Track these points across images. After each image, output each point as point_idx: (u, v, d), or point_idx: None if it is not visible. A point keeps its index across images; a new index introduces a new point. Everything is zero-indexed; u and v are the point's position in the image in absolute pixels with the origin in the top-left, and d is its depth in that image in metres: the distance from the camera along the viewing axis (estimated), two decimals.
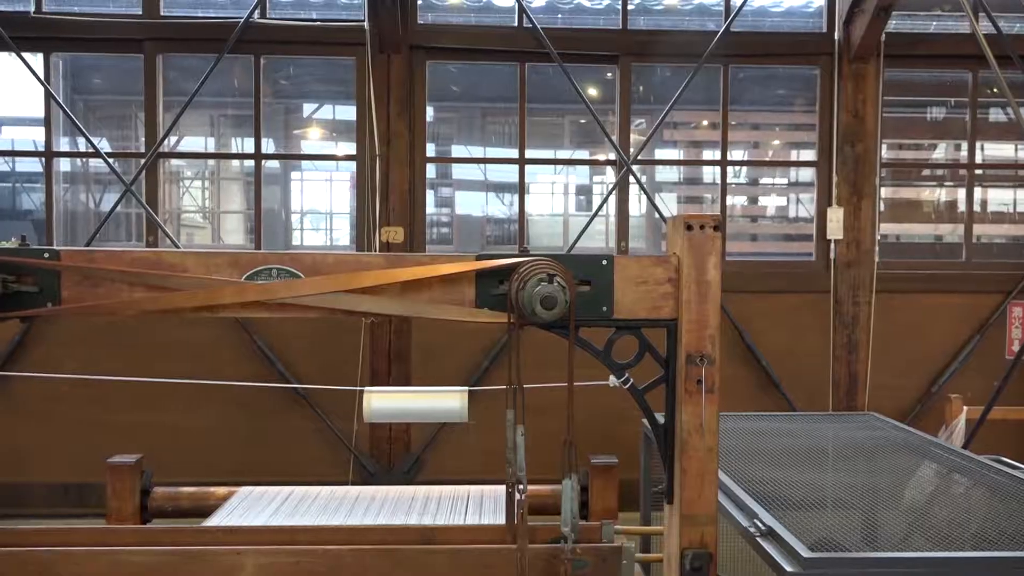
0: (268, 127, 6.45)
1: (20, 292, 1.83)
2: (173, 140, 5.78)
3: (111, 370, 4.30)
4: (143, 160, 4.96)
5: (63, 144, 5.43)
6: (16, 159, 8.53)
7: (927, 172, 6.34)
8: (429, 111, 5.18)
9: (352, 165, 5.18)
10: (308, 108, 7.10)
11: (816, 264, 5.22)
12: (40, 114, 5.14)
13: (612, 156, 5.19)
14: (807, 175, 6.48)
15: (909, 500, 2.34)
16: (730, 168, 5.37)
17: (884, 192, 5.38)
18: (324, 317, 1.88)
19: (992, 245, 6.20)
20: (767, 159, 6.56)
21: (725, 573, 2.95)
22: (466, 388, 2.34)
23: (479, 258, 1.84)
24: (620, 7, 5.14)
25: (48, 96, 4.95)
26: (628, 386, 1.94)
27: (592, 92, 5.73)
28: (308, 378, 4.83)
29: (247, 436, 4.92)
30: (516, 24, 5.06)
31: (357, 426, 4.87)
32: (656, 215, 5.36)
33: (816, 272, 5.19)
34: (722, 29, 4.97)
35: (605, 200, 5.11)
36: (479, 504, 3.04)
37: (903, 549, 1.88)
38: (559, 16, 5.32)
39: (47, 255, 1.84)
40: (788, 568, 1.75)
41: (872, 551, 1.89)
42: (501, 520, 2.61)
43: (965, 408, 4.18)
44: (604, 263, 1.86)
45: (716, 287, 1.91)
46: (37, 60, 4.99)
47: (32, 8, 4.90)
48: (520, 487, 1.68)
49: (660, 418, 1.96)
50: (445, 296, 1.86)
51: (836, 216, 5.08)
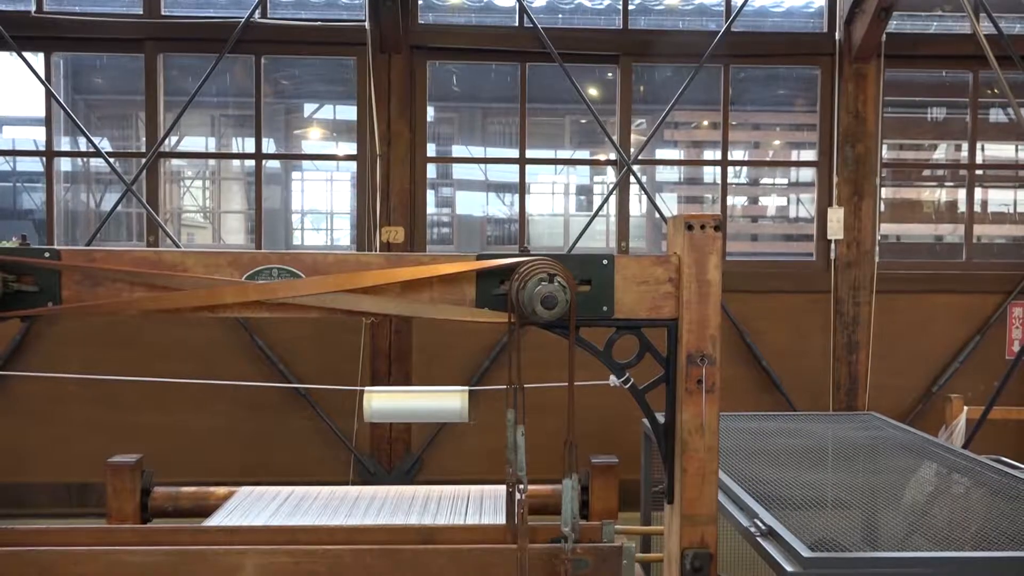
0: (269, 127, 6.45)
1: (21, 292, 1.83)
2: (174, 140, 5.78)
3: (112, 370, 4.30)
4: (144, 160, 4.96)
5: (63, 143, 5.44)
6: (16, 158, 8.54)
7: (927, 172, 6.34)
8: (429, 111, 5.19)
9: (352, 165, 5.19)
10: (308, 108, 7.12)
11: (816, 264, 5.22)
12: (40, 114, 5.14)
13: (612, 156, 5.19)
14: (807, 175, 6.49)
15: (909, 500, 2.33)
16: (730, 168, 5.36)
17: (884, 192, 5.38)
18: (324, 317, 1.88)
19: (992, 245, 6.21)
20: (768, 159, 6.56)
21: (725, 573, 2.96)
22: (467, 388, 2.34)
23: (479, 258, 1.84)
24: (621, 7, 5.14)
25: (49, 96, 4.95)
26: (628, 386, 1.94)
27: (592, 92, 5.73)
28: (309, 378, 4.84)
29: (247, 436, 4.92)
30: (517, 24, 5.06)
31: (357, 426, 4.87)
32: (656, 215, 5.36)
33: (817, 272, 5.19)
34: (723, 29, 4.97)
35: (606, 200, 5.11)
36: (479, 504, 3.04)
37: (903, 549, 1.88)
38: (560, 16, 5.33)
39: (48, 255, 1.85)
40: (788, 568, 1.75)
41: (872, 551, 1.88)
42: (501, 520, 2.61)
43: (965, 408, 4.18)
44: (604, 263, 1.86)
45: (717, 287, 1.92)
46: (37, 60, 4.99)
47: (33, 7, 4.90)
48: (520, 487, 1.68)
49: (660, 418, 1.96)
50: (445, 296, 1.86)
51: (836, 216, 5.07)
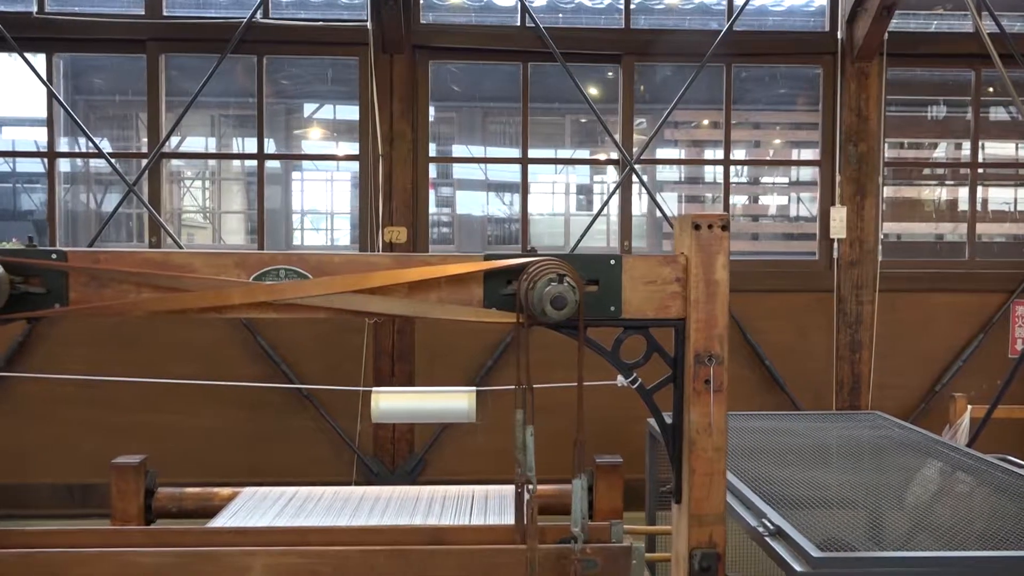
0: (269, 127, 6.44)
1: (28, 293, 1.83)
2: (175, 140, 5.77)
3: (115, 371, 4.30)
4: (145, 160, 4.96)
5: (62, 144, 5.43)
6: (16, 159, 8.53)
7: (929, 171, 6.34)
8: (430, 111, 5.19)
9: (353, 165, 5.18)
10: (308, 108, 7.11)
11: (819, 263, 5.22)
12: (39, 114, 5.13)
13: (613, 155, 5.19)
14: (808, 174, 6.50)
15: (916, 499, 2.33)
16: (732, 167, 5.36)
17: (887, 191, 5.38)
18: (327, 317, 1.87)
19: (992, 244, 6.21)
20: (771, 159, 6.56)
21: (732, 572, 2.95)
22: (474, 388, 2.34)
23: (487, 258, 1.84)
24: (622, 6, 5.15)
25: (51, 96, 4.95)
26: (636, 386, 1.94)
27: (593, 91, 5.73)
28: (312, 378, 4.83)
29: (251, 437, 4.92)
30: (519, 24, 5.06)
31: (360, 426, 4.87)
32: (657, 214, 5.36)
33: (819, 271, 5.19)
34: (725, 28, 4.97)
35: (608, 199, 5.11)
36: (484, 504, 3.04)
37: (912, 548, 1.88)
38: (560, 16, 5.32)
39: (55, 256, 1.84)
40: (798, 568, 1.75)
41: (881, 551, 1.88)
42: (507, 520, 2.61)
43: (969, 407, 4.18)
44: (612, 263, 1.86)
45: (724, 286, 1.92)
46: (39, 60, 4.99)
47: (35, 8, 4.90)
48: (529, 487, 1.67)
49: (667, 418, 1.96)
50: (453, 296, 1.86)
51: (839, 215, 5.07)
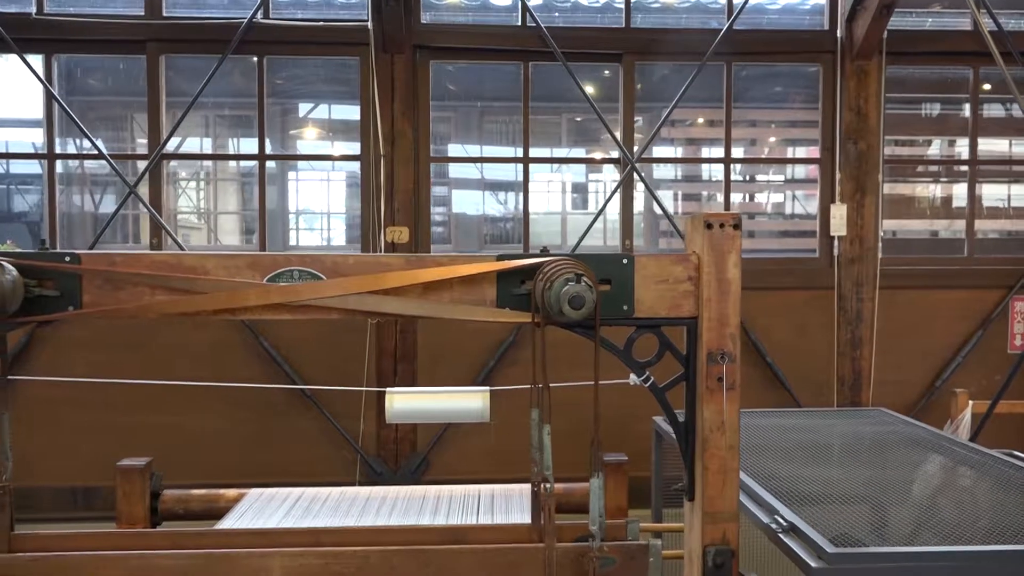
0: (266, 127, 6.43)
1: (42, 296, 1.83)
2: (174, 141, 5.76)
3: (117, 373, 4.30)
4: (142, 161, 4.95)
5: (57, 145, 5.40)
6: (9, 161, 8.46)
7: (922, 168, 6.36)
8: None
9: (349, 165, 5.19)
10: (304, 108, 7.10)
11: (820, 261, 5.24)
12: (31, 115, 5.12)
13: (612, 154, 5.21)
14: (803, 172, 6.52)
15: (926, 494, 2.35)
16: (724, 165, 5.38)
17: (886, 188, 5.40)
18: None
19: (994, 240, 6.23)
20: (772, 156, 6.57)
21: (742, 569, 2.96)
22: (487, 388, 2.35)
23: (500, 258, 1.85)
24: (619, 5, 5.16)
25: (49, 97, 4.94)
26: (649, 384, 1.95)
27: (588, 90, 5.73)
28: (314, 379, 4.83)
29: (253, 438, 4.91)
30: (520, 23, 5.06)
31: (363, 427, 4.88)
32: (654, 212, 5.39)
33: (820, 268, 5.21)
34: (725, 27, 4.98)
35: (610, 198, 5.12)
36: (490, 503, 3.05)
37: (924, 543, 1.89)
38: (556, 15, 5.33)
39: (68, 259, 1.84)
40: (813, 564, 1.76)
41: (893, 546, 1.89)
42: (514, 519, 2.62)
43: (971, 402, 4.20)
44: (624, 262, 1.87)
45: (736, 285, 1.93)
46: (37, 61, 4.97)
47: (34, 9, 4.88)
48: (547, 486, 1.68)
49: (677, 416, 1.97)
50: (466, 296, 1.86)
51: (839, 213, 5.09)
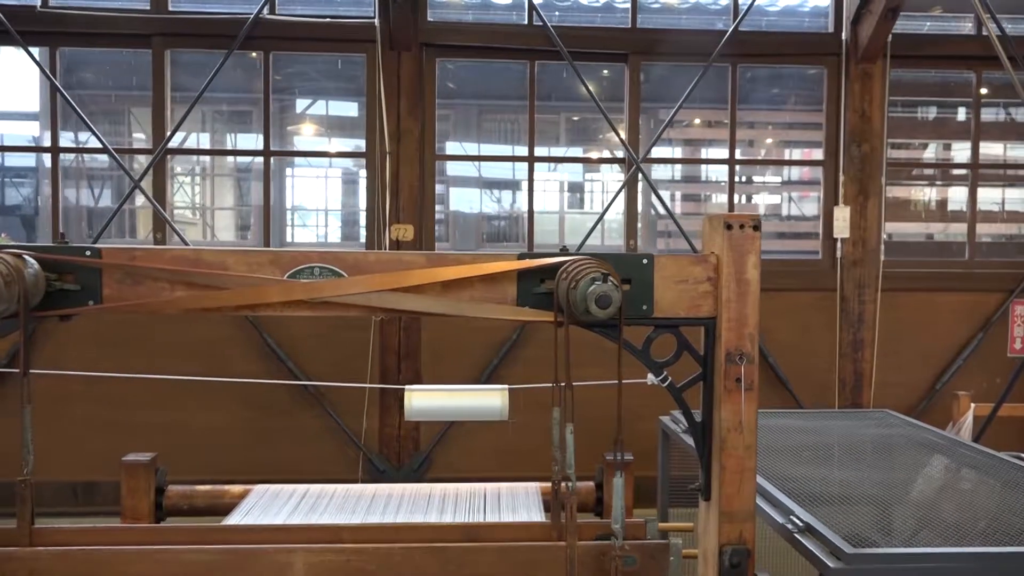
0: (263, 122, 6.42)
1: (62, 290, 1.82)
2: (179, 136, 5.73)
3: (118, 369, 4.27)
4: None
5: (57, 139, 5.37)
6: (4, 153, 8.39)
7: (918, 171, 6.39)
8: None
9: (345, 162, 5.18)
10: (305, 105, 7.09)
11: (822, 263, 5.26)
12: (27, 108, 5.09)
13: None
14: (799, 174, 6.55)
15: (938, 496, 2.36)
16: (728, 167, 5.40)
17: (889, 191, 5.42)
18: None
19: (994, 244, 6.27)
20: (776, 159, 6.60)
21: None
22: (506, 387, 2.35)
23: (521, 257, 1.85)
24: (619, 4, 5.18)
25: (53, 91, 4.92)
26: (667, 384, 1.96)
27: (591, 89, 5.74)
28: (318, 376, 4.82)
29: (256, 435, 4.90)
30: (526, 22, 5.07)
31: (366, 424, 4.87)
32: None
33: (822, 271, 5.23)
34: (731, 28, 5.00)
35: (615, 197, 5.13)
36: (497, 501, 3.04)
37: (942, 544, 1.90)
38: (556, 13, 5.33)
39: (88, 253, 1.84)
40: (831, 564, 1.77)
41: (912, 546, 1.91)
42: (520, 517, 2.62)
43: (972, 405, 4.23)
44: (644, 262, 1.87)
45: (755, 286, 1.94)
46: (38, 54, 4.93)
47: (39, 2, 4.86)
48: (569, 484, 1.68)
49: (694, 415, 1.97)
50: (486, 295, 1.87)
51: (843, 215, 5.12)
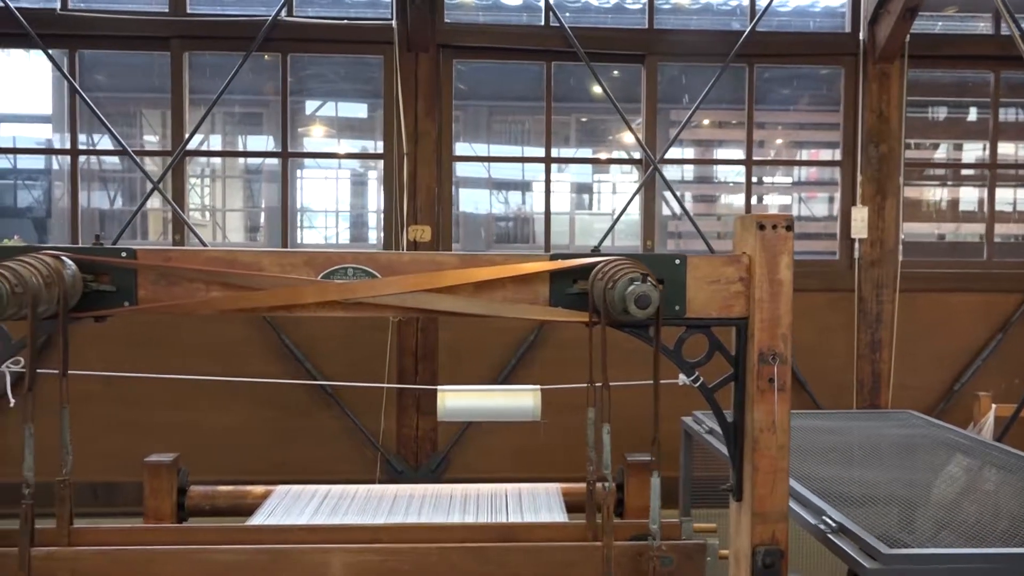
0: (275, 125, 6.45)
1: (98, 291, 1.83)
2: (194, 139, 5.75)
3: (137, 370, 4.29)
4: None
5: (65, 141, 5.40)
6: (16, 156, 8.43)
7: (934, 172, 6.37)
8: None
9: (353, 163, 5.18)
10: (322, 107, 7.11)
11: (840, 263, 5.25)
12: (37, 111, 5.12)
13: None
14: (817, 175, 6.53)
15: (967, 496, 2.35)
16: (736, 168, 5.40)
17: (904, 191, 5.40)
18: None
19: (1005, 244, 6.23)
20: (792, 159, 6.59)
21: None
22: (538, 387, 2.36)
23: (554, 258, 1.86)
24: (629, 5, 5.18)
25: (73, 93, 4.94)
26: (698, 384, 1.96)
27: (597, 90, 5.75)
28: (335, 377, 4.83)
29: (274, 435, 4.92)
30: (543, 23, 5.07)
31: (384, 425, 4.88)
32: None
33: (840, 271, 5.22)
34: (748, 29, 4.99)
35: (632, 198, 5.13)
36: (518, 502, 3.05)
37: (978, 545, 1.90)
38: (567, 15, 5.33)
39: (124, 254, 1.85)
40: (867, 565, 1.76)
41: (949, 547, 1.90)
42: (542, 518, 2.62)
43: (994, 406, 4.21)
44: (677, 262, 1.88)
45: (788, 286, 1.93)
46: (49, 57, 4.95)
47: (58, 5, 4.89)
48: (606, 484, 1.68)
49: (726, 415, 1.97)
50: (519, 295, 1.87)
51: (861, 215, 5.10)
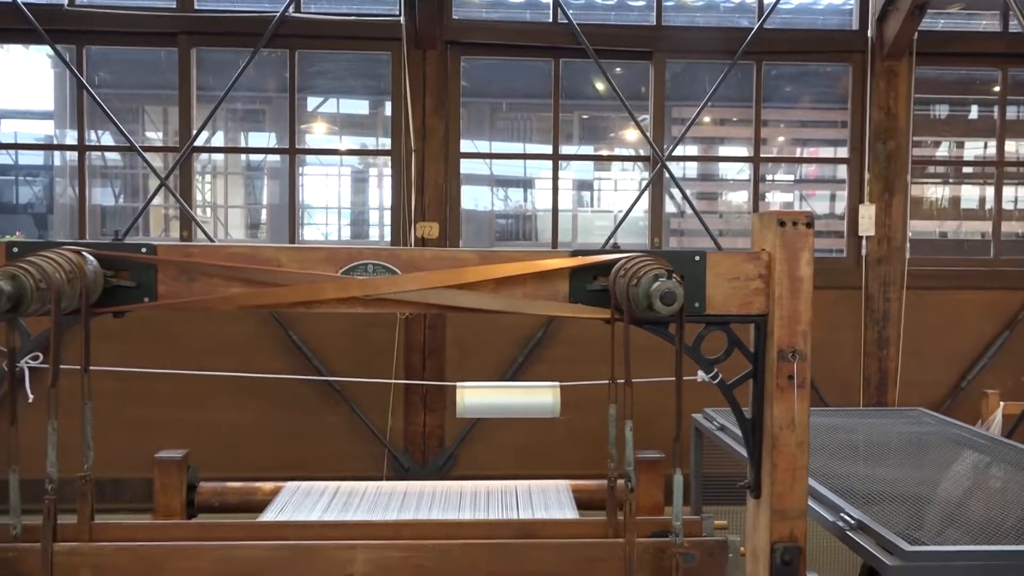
0: (276, 121, 6.45)
1: (118, 287, 1.83)
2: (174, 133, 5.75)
3: (145, 366, 4.29)
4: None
5: (66, 137, 5.40)
6: (17, 152, 8.41)
7: (936, 169, 6.37)
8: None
9: (352, 160, 5.16)
10: (324, 103, 7.11)
11: (847, 260, 5.25)
12: (37, 107, 5.10)
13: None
14: (818, 172, 6.53)
15: (982, 493, 2.36)
16: (738, 164, 5.40)
17: (913, 189, 5.40)
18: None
19: (1007, 242, 6.22)
20: (800, 156, 6.59)
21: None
22: (558, 384, 2.35)
23: (574, 254, 1.86)
24: (632, 3, 5.19)
25: (80, 89, 4.93)
26: (717, 381, 1.96)
27: (600, 87, 5.75)
28: (342, 374, 4.83)
29: (282, 432, 4.92)
30: (551, 20, 5.07)
31: (391, 422, 4.88)
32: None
33: (847, 268, 5.22)
34: (756, 26, 4.99)
35: (640, 195, 5.12)
36: (528, 498, 3.05)
37: (998, 542, 1.90)
38: (571, 12, 5.32)
39: (144, 250, 1.84)
40: (889, 562, 1.76)
41: (971, 544, 1.90)
42: (554, 515, 2.62)
43: (1002, 404, 4.21)
44: (696, 259, 1.88)
45: (808, 283, 1.94)
46: (57, 54, 4.94)
47: (65, 1, 4.88)
48: (629, 483, 1.68)
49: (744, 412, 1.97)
50: (539, 292, 1.87)
51: (868, 213, 5.10)
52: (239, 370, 4.61)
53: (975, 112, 6.31)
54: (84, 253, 1.73)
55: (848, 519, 2.01)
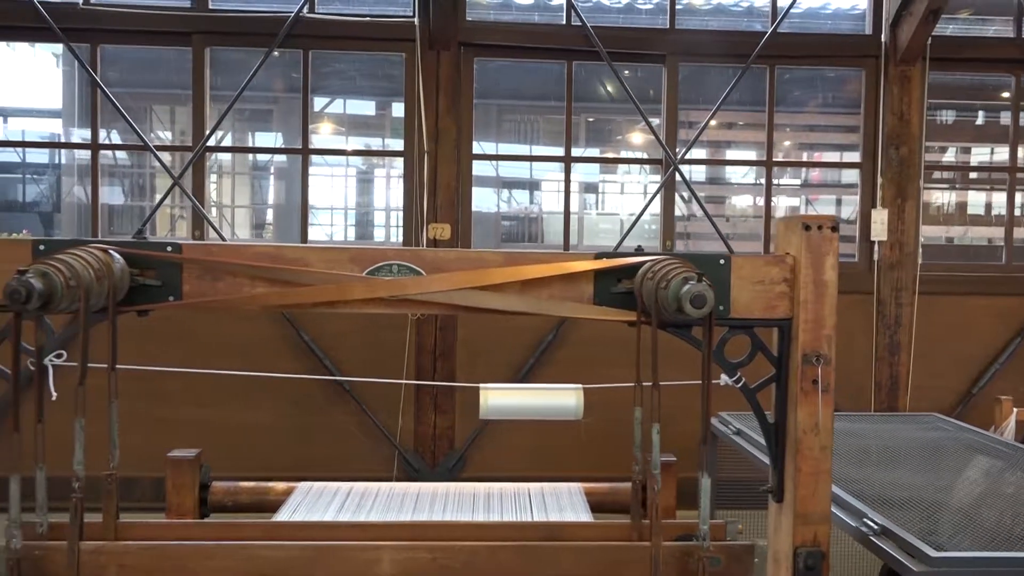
0: (285, 122, 6.46)
1: (144, 286, 1.83)
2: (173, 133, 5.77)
3: (157, 366, 4.28)
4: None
5: (73, 135, 5.40)
6: (25, 150, 8.40)
7: (943, 175, 6.35)
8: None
9: (357, 160, 5.16)
10: (331, 103, 7.11)
11: (859, 265, 5.24)
12: (44, 105, 5.10)
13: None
14: (820, 176, 6.52)
15: (1005, 499, 2.35)
16: (743, 168, 5.39)
17: (925, 195, 5.39)
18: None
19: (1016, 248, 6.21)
20: (812, 161, 6.57)
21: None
22: (580, 386, 2.35)
23: (599, 256, 1.85)
24: (640, 6, 5.18)
25: (93, 87, 4.94)
26: (740, 385, 1.95)
27: (609, 89, 5.75)
28: (353, 375, 4.83)
29: (293, 432, 4.92)
30: (564, 22, 5.07)
31: (402, 423, 4.88)
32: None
33: (859, 273, 5.21)
34: (770, 30, 4.98)
35: (652, 198, 5.12)
36: (541, 501, 3.04)
37: (1018, 549, 1.89)
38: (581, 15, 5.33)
39: (169, 248, 1.84)
40: (915, 568, 1.76)
41: (998, 551, 1.89)
42: (567, 517, 2.61)
43: (1015, 409, 4.19)
44: (721, 262, 1.87)
45: (833, 287, 1.93)
46: (72, 52, 4.95)
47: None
48: (655, 486, 1.68)
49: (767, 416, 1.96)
50: (564, 293, 1.87)
51: (880, 218, 5.09)
52: (249, 370, 4.62)
53: (981, 118, 6.30)
54: (111, 251, 1.73)
55: (872, 524, 2.00)
